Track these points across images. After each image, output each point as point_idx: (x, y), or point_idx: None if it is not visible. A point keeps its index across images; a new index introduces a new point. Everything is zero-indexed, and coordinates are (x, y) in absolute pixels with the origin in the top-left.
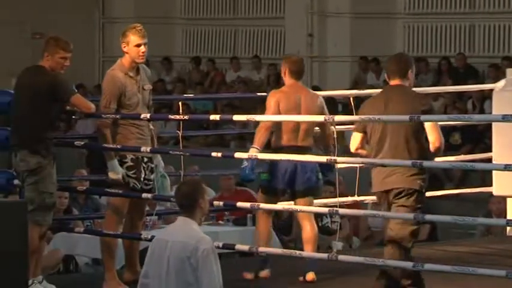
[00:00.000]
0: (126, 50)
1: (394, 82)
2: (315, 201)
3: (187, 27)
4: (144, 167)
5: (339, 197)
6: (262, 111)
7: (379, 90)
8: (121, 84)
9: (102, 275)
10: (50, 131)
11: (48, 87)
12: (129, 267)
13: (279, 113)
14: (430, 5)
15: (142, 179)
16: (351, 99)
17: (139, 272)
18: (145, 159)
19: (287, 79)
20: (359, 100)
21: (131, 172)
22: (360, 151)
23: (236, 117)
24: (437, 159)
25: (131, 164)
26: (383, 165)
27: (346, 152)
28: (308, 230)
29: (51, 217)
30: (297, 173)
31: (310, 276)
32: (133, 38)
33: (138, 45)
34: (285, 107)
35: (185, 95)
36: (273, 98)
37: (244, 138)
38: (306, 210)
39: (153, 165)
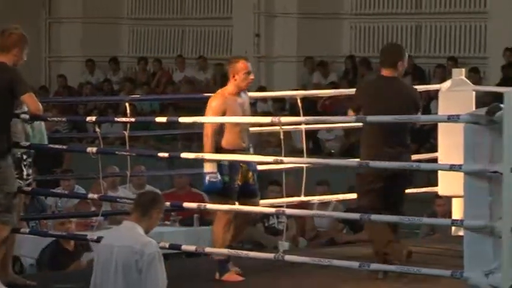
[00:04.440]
0: None
1: (384, 72)
2: (262, 201)
3: (134, 27)
4: (24, 164)
5: (286, 197)
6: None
7: (326, 91)
8: None
9: (47, 275)
10: (9, 129)
11: (10, 83)
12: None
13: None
14: (376, 6)
15: (24, 177)
16: (299, 99)
17: (11, 274)
18: (25, 156)
19: None
20: (307, 100)
21: (15, 172)
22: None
23: (182, 119)
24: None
25: (14, 164)
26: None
27: (292, 152)
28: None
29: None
30: None
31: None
32: None
33: None
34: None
35: (131, 96)
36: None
37: (191, 138)
38: (255, 210)
39: (30, 159)
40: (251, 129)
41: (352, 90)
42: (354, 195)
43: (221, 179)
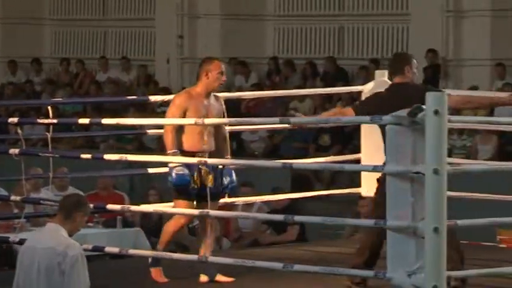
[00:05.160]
0: None
1: (395, 80)
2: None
3: (56, 28)
4: None
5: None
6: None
7: (248, 93)
8: None
9: None
10: None
11: None
12: None
13: None
14: (299, 7)
15: None
16: (222, 101)
17: None
18: None
19: None
20: (231, 101)
21: None
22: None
23: (105, 121)
24: (307, 160)
25: None
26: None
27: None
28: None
29: None
30: None
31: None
32: None
33: None
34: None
35: (53, 99)
36: None
37: (119, 139)
38: (175, 211)
39: None
40: None
41: (276, 92)
42: (277, 197)
43: (188, 173)
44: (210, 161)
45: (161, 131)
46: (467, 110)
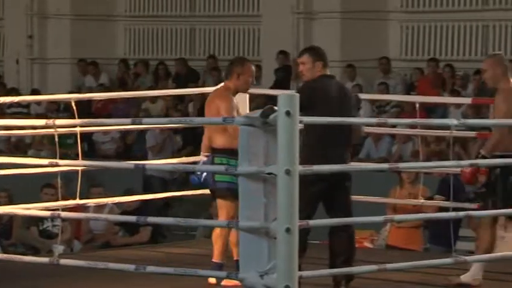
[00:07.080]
0: None
1: (326, 71)
2: (37, 204)
3: None
4: None
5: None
6: None
7: (100, 94)
8: None
9: None
10: None
11: None
12: None
13: None
14: (150, 8)
15: None
16: (73, 102)
17: None
18: None
19: None
20: (81, 102)
21: None
22: None
23: None
24: (159, 161)
25: None
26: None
27: (67, 154)
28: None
29: None
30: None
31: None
32: None
33: None
34: None
35: None
36: None
37: None
38: (29, 213)
39: None
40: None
41: (128, 93)
42: (129, 198)
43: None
44: (63, 162)
45: (10, 132)
46: None
